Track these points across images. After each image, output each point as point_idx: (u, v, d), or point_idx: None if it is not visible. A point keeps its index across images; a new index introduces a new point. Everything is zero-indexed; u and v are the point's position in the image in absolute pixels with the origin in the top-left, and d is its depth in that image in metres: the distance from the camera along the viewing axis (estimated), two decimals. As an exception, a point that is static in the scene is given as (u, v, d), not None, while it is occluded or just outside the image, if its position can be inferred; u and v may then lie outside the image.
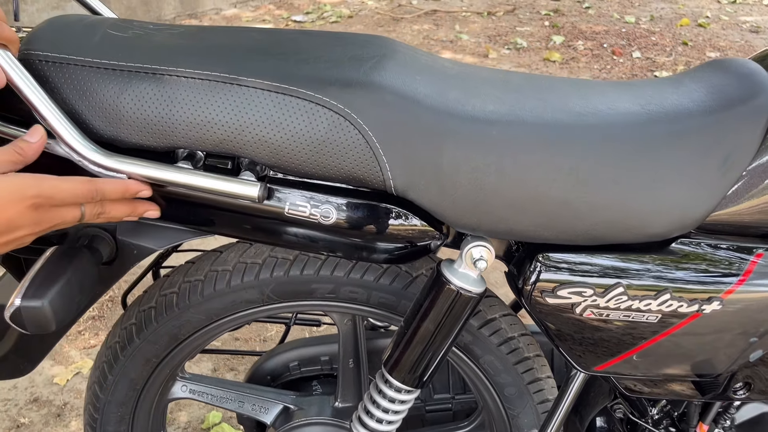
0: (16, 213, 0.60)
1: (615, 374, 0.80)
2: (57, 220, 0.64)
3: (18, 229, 0.61)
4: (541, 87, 0.76)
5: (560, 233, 0.71)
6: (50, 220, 0.63)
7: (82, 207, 0.65)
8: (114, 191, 0.66)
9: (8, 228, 0.61)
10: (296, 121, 0.66)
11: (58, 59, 0.67)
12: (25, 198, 0.61)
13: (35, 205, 0.61)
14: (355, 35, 0.79)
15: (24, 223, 0.61)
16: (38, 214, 0.62)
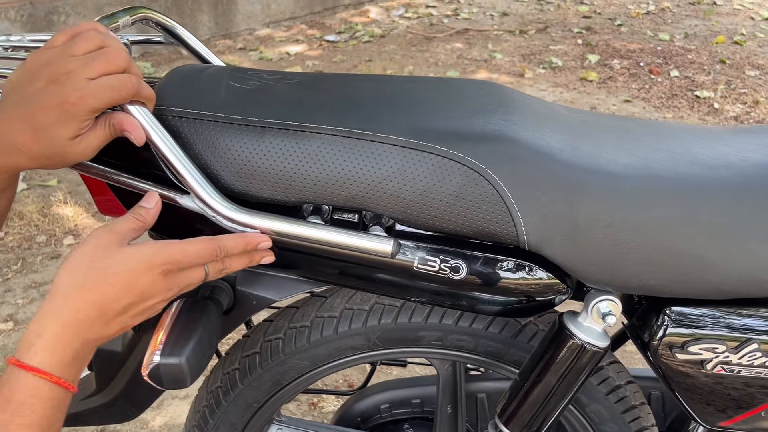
0: (148, 282, 0.61)
1: (741, 429, 0.78)
2: (185, 282, 0.64)
3: (151, 298, 0.62)
4: (662, 135, 0.75)
5: (692, 288, 0.69)
6: (179, 284, 0.64)
7: (206, 266, 0.65)
8: (236, 246, 0.66)
9: (142, 298, 0.62)
10: (429, 176, 0.65)
11: (191, 115, 0.67)
12: (155, 266, 0.61)
13: (165, 272, 0.62)
14: (465, 82, 0.79)
15: (156, 291, 0.62)
16: (168, 280, 0.62)
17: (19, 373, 0.58)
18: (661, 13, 5.42)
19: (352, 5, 5.56)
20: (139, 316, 0.63)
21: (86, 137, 0.61)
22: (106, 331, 0.62)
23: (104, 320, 0.61)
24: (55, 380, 0.58)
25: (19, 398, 0.57)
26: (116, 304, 0.61)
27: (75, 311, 0.59)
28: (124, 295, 0.60)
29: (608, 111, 3.45)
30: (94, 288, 0.60)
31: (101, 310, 0.60)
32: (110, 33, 0.65)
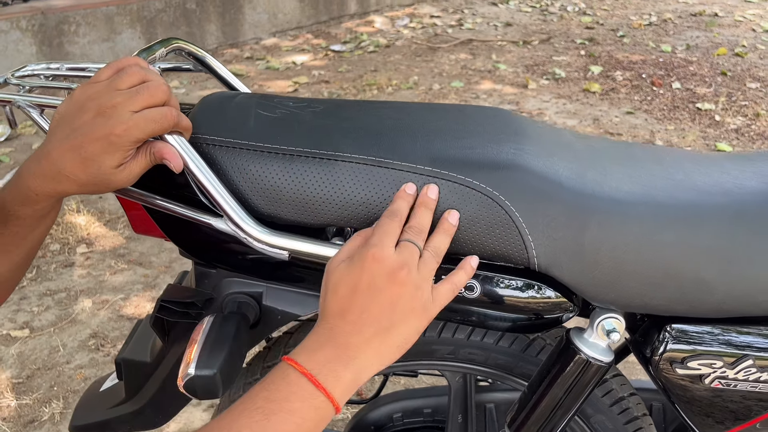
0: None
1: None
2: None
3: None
4: (664, 161, 0.80)
5: (692, 307, 0.74)
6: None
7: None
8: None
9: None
10: (447, 202, 0.70)
11: (224, 143, 0.72)
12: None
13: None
14: (479, 109, 0.84)
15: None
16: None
17: (311, 389, 0.60)
18: (663, 25, 5.48)
19: (357, 15, 5.62)
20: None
21: (129, 165, 0.66)
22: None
23: None
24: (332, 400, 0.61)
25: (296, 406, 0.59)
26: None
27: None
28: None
29: (611, 122, 3.49)
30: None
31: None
32: (150, 67, 0.69)
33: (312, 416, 0.59)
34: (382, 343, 0.63)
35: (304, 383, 0.60)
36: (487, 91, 3.94)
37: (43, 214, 0.69)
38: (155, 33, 4.30)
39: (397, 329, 0.64)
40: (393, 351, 0.64)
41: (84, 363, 1.84)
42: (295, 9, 5.11)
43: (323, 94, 3.89)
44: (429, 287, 0.66)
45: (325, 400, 0.60)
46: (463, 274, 0.69)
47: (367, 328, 0.63)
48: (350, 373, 0.62)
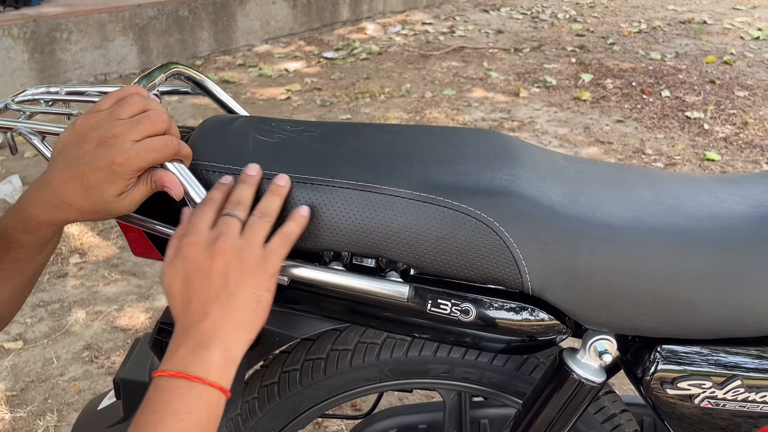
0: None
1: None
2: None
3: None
4: (654, 185, 0.82)
5: (681, 329, 0.75)
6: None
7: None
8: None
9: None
10: (442, 227, 0.71)
11: (223, 169, 0.73)
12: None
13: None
14: (473, 133, 0.85)
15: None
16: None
17: (186, 384, 0.61)
18: (652, 32, 5.54)
19: (349, 22, 5.64)
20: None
21: (130, 193, 0.67)
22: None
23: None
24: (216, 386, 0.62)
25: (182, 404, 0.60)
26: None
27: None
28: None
29: (601, 131, 3.53)
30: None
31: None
32: (151, 96, 0.71)
33: (197, 406, 0.60)
34: (233, 313, 0.64)
35: (176, 382, 0.61)
36: (479, 99, 3.96)
37: (44, 241, 0.70)
38: (147, 40, 4.30)
39: (239, 295, 0.64)
40: (250, 315, 0.65)
41: (78, 375, 1.84)
42: (287, 16, 5.12)
43: (316, 101, 3.90)
44: (257, 246, 0.66)
45: (204, 386, 0.61)
46: (294, 224, 0.69)
47: (210, 307, 0.64)
48: (217, 353, 0.62)
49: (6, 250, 0.69)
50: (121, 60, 4.21)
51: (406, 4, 6.16)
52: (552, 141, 3.40)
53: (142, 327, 2.03)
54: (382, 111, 3.76)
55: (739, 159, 3.20)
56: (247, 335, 0.66)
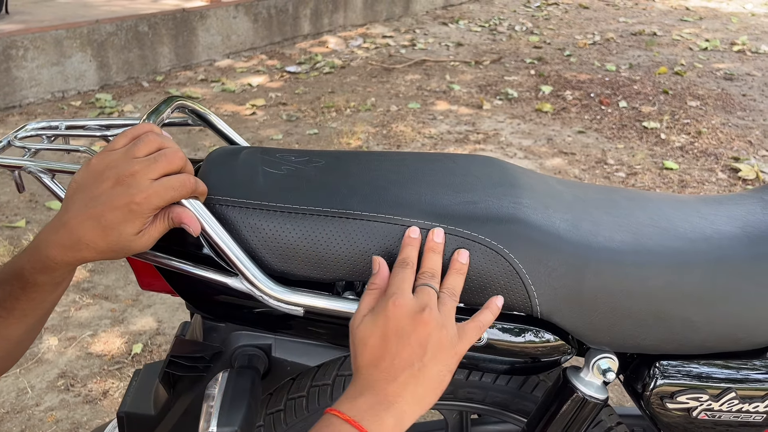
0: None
1: (721, 466, 0.88)
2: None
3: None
4: (646, 208, 0.86)
5: (679, 346, 0.79)
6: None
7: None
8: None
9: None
10: (454, 256, 0.73)
11: (236, 203, 0.74)
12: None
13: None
14: (472, 160, 0.88)
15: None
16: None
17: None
18: (606, 44, 5.71)
19: (311, 35, 5.65)
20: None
21: (148, 231, 0.67)
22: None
23: None
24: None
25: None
26: None
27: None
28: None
29: (564, 142, 3.62)
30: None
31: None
32: (165, 134, 0.71)
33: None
34: (417, 385, 0.66)
35: (348, 428, 0.62)
36: (444, 112, 4.02)
37: (59, 280, 0.70)
38: (107, 56, 4.22)
39: (429, 369, 0.66)
40: (430, 392, 0.67)
41: (54, 404, 1.80)
42: (248, 30, 5.10)
43: (282, 116, 3.90)
44: (453, 325, 0.69)
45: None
46: (488, 313, 0.72)
47: (401, 372, 0.66)
48: (392, 418, 0.64)
49: (22, 290, 0.68)
50: (79, 77, 4.12)
51: (366, 17, 6.21)
52: (517, 153, 3.47)
53: (118, 353, 1.99)
54: (349, 125, 3.78)
55: (696, 167, 3.32)
56: (422, 410, 0.67)
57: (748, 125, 3.86)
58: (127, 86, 4.35)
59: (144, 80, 4.46)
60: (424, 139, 3.63)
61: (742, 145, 3.57)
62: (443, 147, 3.53)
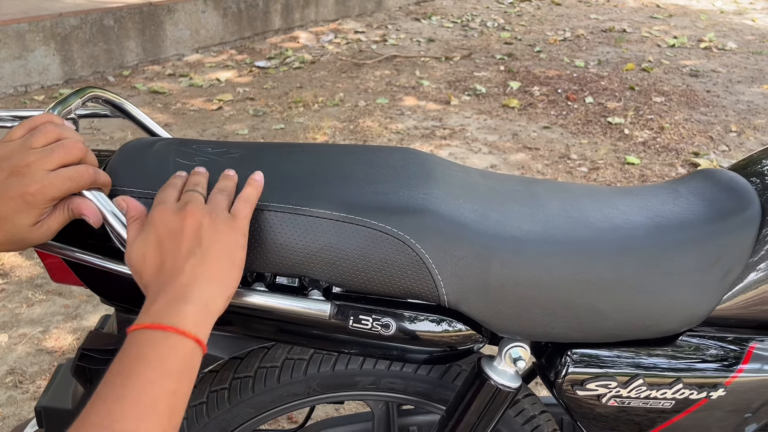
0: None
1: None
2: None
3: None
4: (562, 198, 0.87)
5: (588, 334, 0.81)
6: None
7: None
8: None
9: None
10: (361, 246, 0.74)
11: (143, 194, 0.74)
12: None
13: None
14: (393, 152, 0.88)
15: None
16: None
17: (160, 335, 0.60)
18: (576, 40, 5.75)
19: (282, 30, 5.62)
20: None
21: (46, 222, 0.67)
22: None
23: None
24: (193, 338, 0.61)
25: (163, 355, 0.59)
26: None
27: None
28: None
29: (529, 137, 3.64)
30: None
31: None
32: (65, 123, 0.70)
33: (171, 355, 0.59)
34: (208, 267, 0.65)
35: (150, 334, 0.60)
36: (412, 108, 4.03)
37: None
38: (71, 50, 4.17)
39: (213, 251, 0.66)
40: (225, 271, 0.66)
41: (2, 401, 1.78)
42: (218, 25, 5.06)
43: (248, 111, 3.88)
44: (223, 210, 0.69)
45: (179, 336, 0.60)
46: (250, 189, 0.72)
47: (185, 263, 0.65)
48: (193, 305, 0.62)
49: None
50: (42, 71, 4.06)
51: (338, 12, 6.19)
52: (482, 148, 3.49)
53: (69, 349, 1.97)
54: (316, 120, 3.77)
55: (657, 162, 3.37)
56: (225, 290, 0.66)
57: (710, 121, 3.91)
58: (92, 81, 4.30)
59: (110, 75, 4.41)
60: (390, 135, 3.63)
61: (703, 141, 3.62)
62: (409, 142, 3.54)
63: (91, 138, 3.46)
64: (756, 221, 0.82)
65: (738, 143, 3.61)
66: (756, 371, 0.84)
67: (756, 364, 0.84)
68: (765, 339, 0.85)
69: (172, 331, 0.60)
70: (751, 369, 0.84)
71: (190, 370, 0.61)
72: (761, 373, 0.84)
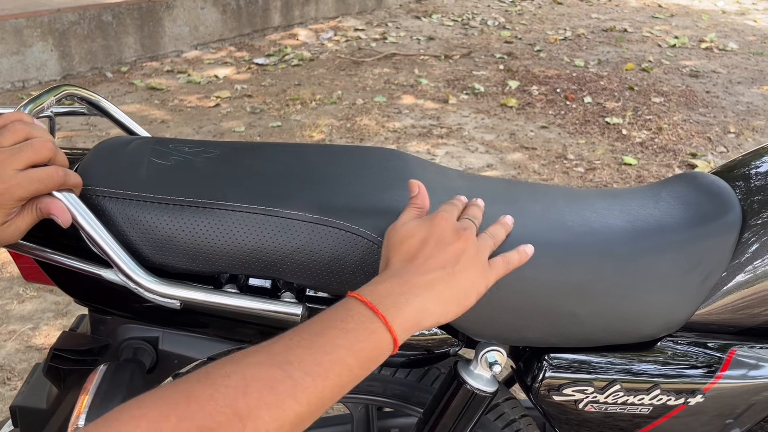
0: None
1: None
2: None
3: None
4: (542, 202, 0.86)
5: (565, 339, 0.80)
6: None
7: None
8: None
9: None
10: (334, 248, 0.73)
11: (114, 194, 0.73)
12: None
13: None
14: (372, 152, 0.87)
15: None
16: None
17: (370, 316, 0.61)
18: (577, 40, 5.73)
19: (281, 27, 5.61)
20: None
21: (14, 222, 0.66)
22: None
23: None
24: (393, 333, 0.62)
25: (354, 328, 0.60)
26: None
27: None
28: None
29: (526, 137, 3.63)
30: None
31: None
32: (36, 122, 0.70)
33: (367, 338, 0.60)
34: (445, 287, 0.66)
35: (363, 309, 0.61)
36: (409, 106, 4.02)
37: None
38: (69, 46, 4.16)
39: (459, 278, 0.67)
40: (454, 300, 0.67)
41: (-10, 398, 1.77)
42: (217, 21, 5.06)
43: (246, 109, 3.87)
44: (485, 254, 0.71)
45: (383, 326, 0.61)
46: (516, 255, 0.74)
47: (432, 271, 0.66)
48: (411, 309, 0.63)
49: None
50: (40, 66, 4.06)
51: (338, 10, 6.18)
52: (479, 147, 3.48)
53: (60, 345, 1.96)
54: (313, 118, 3.76)
55: (654, 163, 3.35)
56: (442, 314, 0.67)
57: (708, 122, 3.90)
58: (90, 77, 4.29)
59: (108, 71, 4.40)
60: (387, 133, 3.62)
61: (701, 142, 3.61)
62: (406, 141, 3.53)
63: (87, 134, 3.45)
64: (736, 226, 0.81)
65: (736, 144, 3.60)
66: (736, 378, 0.83)
67: (736, 370, 0.83)
68: (746, 345, 0.84)
69: (382, 319, 0.61)
70: (732, 375, 0.83)
71: (374, 361, 0.61)
72: (742, 379, 0.83)
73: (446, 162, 3.31)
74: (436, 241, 0.68)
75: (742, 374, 0.83)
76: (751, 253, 0.81)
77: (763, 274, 0.81)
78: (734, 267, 0.81)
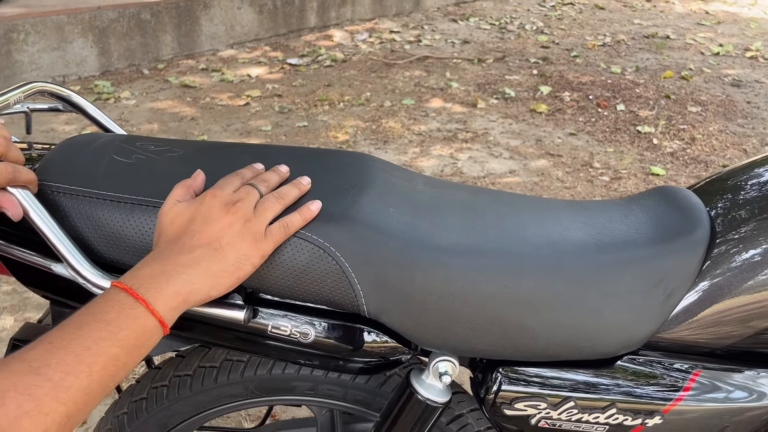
0: None
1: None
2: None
3: None
4: (502, 211, 0.84)
5: (518, 352, 0.78)
6: None
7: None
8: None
9: None
10: (281, 253, 0.73)
11: (68, 191, 0.75)
12: None
13: None
14: (339, 156, 0.87)
15: None
16: None
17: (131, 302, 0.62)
18: (616, 46, 5.62)
19: (317, 28, 5.66)
20: None
21: (-36, 215, 0.68)
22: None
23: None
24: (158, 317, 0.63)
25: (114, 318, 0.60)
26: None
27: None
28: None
29: (552, 143, 3.57)
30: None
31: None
32: (-6, 118, 0.72)
33: (130, 325, 0.60)
34: (212, 262, 0.67)
35: (123, 296, 0.62)
36: (437, 110, 4.00)
37: None
38: (108, 43, 4.28)
39: (226, 252, 0.68)
40: (225, 274, 0.67)
41: (0, 382, 1.83)
42: (253, 21, 5.13)
43: (274, 108, 3.91)
44: (262, 223, 0.71)
45: (144, 310, 0.61)
46: (298, 216, 0.72)
47: (197, 248, 0.67)
48: (174, 287, 0.64)
49: None
50: (80, 62, 4.18)
51: (374, 12, 6.19)
52: (503, 153, 3.44)
53: None
54: (339, 119, 3.78)
55: (683, 174, 3.26)
56: (211, 289, 0.67)
57: (746, 133, 3.77)
58: (127, 73, 4.40)
59: (145, 68, 4.50)
60: (412, 136, 3.61)
61: (736, 153, 3.49)
62: (430, 144, 3.51)
63: (80, 128, 3.54)
64: (703, 244, 0.78)
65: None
66: (697, 400, 0.80)
67: (698, 392, 0.80)
68: (711, 368, 0.81)
69: (143, 303, 0.62)
70: (693, 397, 0.80)
71: (142, 346, 0.62)
72: (703, 402, 0.80)
73: (468, 167, 3.28)
74: (203, 218, 0.69)
75: (704, 397, 0.80)
76: (718, 272, 0.78)
77: (729, 295, 0.78)
78: (699, 286, 0.78)
